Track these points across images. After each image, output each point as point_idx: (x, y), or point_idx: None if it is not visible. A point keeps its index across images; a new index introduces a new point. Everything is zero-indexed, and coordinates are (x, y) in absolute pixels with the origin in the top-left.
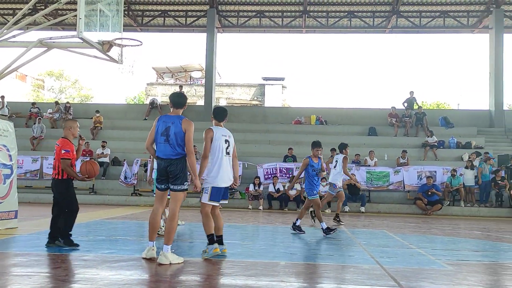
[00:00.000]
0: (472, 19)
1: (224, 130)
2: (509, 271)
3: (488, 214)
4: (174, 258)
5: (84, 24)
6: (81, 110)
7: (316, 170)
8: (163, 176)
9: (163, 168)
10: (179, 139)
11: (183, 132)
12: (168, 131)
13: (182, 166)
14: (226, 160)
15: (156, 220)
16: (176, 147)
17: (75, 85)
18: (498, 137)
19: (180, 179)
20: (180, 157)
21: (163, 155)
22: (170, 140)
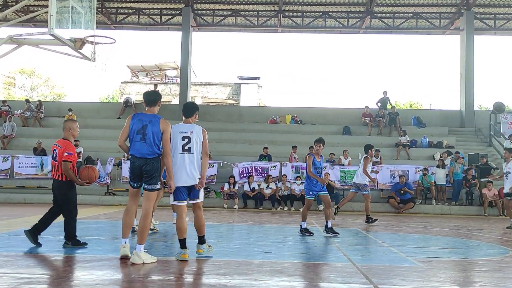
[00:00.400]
0: (443, 20)
1: (185, 126)
2: (478, 267)
3: (459, 212)
4: (147, 257)
5: (56, 21)
6: (53, 109)
7: (318, 169)
8: (137, 175)
9: (138, 167)
10: (156, 139)
11: (160, 132)
12: (145, 129)
13: (157, 166)
14: (183, 158)
15: (130, 218)
16: (153, 146)
17: (47, 83)
18: (468, 136)
19: (155, 178)
20: (155, 157)
21: (139, 154)
22: (147, 139)
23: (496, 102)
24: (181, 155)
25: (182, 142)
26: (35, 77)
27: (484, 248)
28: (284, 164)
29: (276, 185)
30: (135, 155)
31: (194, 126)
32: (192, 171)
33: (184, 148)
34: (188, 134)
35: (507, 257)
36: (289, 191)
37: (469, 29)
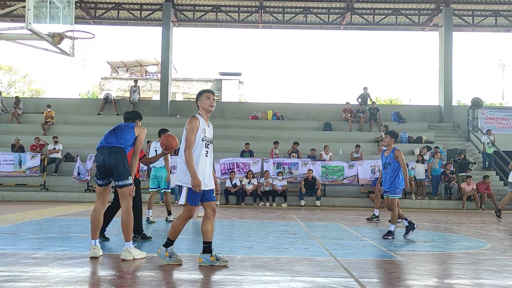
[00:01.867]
0: (423, 17)
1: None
2: (456, 260)
3: (438, 206)
4: (137, 253)
5: (33, 16)
6: (32, 105)
7: (384, 164)
8: (102, 170)
9: (101, 160)
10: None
11: (134, 134)
12: (118, 128)
13: (122, 159)
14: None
15: (97, 218)
16: (120, 140)
17: (25, 79)
18: (447, 131)
19: (122, 173)
20: (120, 147)
21: (105, 142)
22: (117, 133)
23: (474, 97)
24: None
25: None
26: (13, 73)
27: (463, 241)
28: (265, 160)
29: (258, 181)
30: (100, 145)
31: None
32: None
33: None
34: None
35: (485, 249)
36: (271, 186)
37: (447, 25)
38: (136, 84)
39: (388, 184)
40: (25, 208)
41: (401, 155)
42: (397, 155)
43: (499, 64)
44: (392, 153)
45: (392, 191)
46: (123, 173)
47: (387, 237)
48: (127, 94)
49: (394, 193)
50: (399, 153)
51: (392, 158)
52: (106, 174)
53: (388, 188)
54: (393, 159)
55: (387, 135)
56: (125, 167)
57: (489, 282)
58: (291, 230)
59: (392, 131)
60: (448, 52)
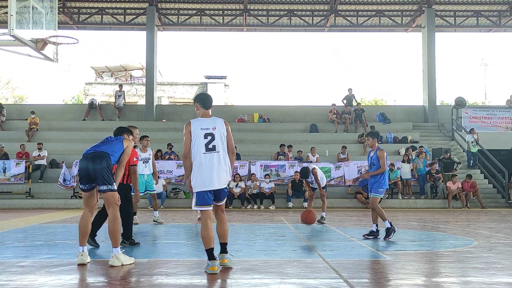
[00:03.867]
0: (405, 18)
1: (206, 121)
2: (444, 258)
3: (424, 205)
4: (125, 259)
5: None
6: (15, 111)
7: (369, 165)
8: (84, 175)
9: (84, 165)
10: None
11: (122, 147)
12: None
13: (106, 165)
14: (207, 158)
15: (86, 225)
16: (107, 149)
17: (8, 86)
18: (432, 131)
19: (105, 177)
20: (106, 153)
21: (90, 149)
22: (106, 141)
23: (458, 97)
24: (205, 155)
25: (205, 140)
26: None
27: (449, 240)
28: (253, 162)
29: (245, 184)
30: (86, 152)
31: (215, 120)
32: (222, 173)
33: (208, 147)
34: (211, 130)
35: (471, 247)
36: (258, 189)
37: (430, 26)
38: (121, 89)
39: (372, 184)
40: (10, 216)
41: (383, 155)
42: (378, 155)
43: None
44: (375, 153)
45: (375, 189)
46: (107, 179)
47: (388, 237)
48: (112, 99)
49: (377, 192)
50: (381, 153)
51: (376, 158)
52: (89, 179)
53: (370, 186)
54: (376, 159)
55: (368, 137)
56: (109, 172)
57: (476, 279)
58: (280, 232)
59: (372, 132)
60: (431, 53)
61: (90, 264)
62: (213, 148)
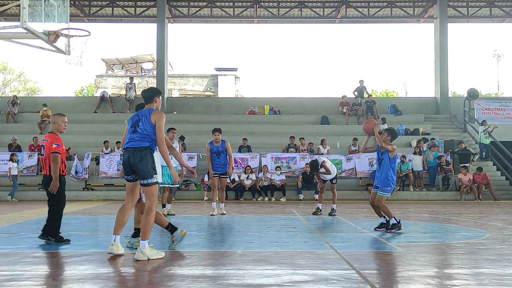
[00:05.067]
0: (417, 9)
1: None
2: (456, 250)
3: (436, 197)
4: (152, 253)
5: (28, 14)
6: (27, 104)
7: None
8: (128, 168)
9: (126, 159)
10: (147, 130)
11: (152, 123)
12: (138, 122)
13: (147, 158)
14: None
15: (123, 215)
16: (143, 137)
17: (20, 78)
18: (444, 123)
19: (147, 172)
20: (144, 147)
21: (127, 144)
22: (138, 130)
23: (470, 88)
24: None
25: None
26: (8, 72)
27: (462, 232)
28: (263, 155)
29: (256, 176)
30: (124, 147)
31: None
32: None
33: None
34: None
35: (484, 239)
36: (269, 181)
37: (442, 17)
38: (131, 81)
39: (379, 180)
40: (23, 208)
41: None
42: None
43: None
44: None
45: (382, 188)
46: (147, 172)
47: (391, 230)
48: (123, 91)
49: (384, 191)
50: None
51: (386, 151)
52: (132, 171)
53: (378, 183)
54: (386, 153)
55: (385, 131)
56: (149, 166)
57: (489, 271)
58: (291, 224)
59: (391, 129)
60: (443, 44)
61: (104, 256)
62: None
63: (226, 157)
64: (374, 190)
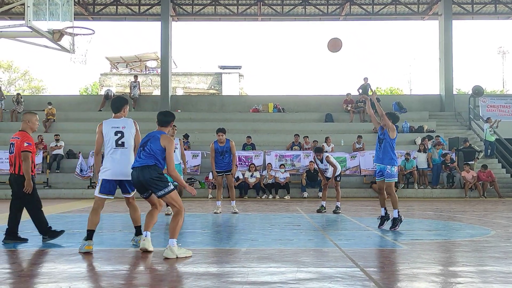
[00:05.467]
0: (422, 6)
1: (117, 121)
2: (461, 248)
3: (440, 195)
4: (181, 252)
5: (33, 13)
6: (32, 102)
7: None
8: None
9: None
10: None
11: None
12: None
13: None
14: (116, 152)
15: (152, 215)
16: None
17: (24, 77)
18: (449, 120)
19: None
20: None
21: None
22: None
23: (475, 86)
24: (115, 149)
25: (116, 137)
26: (13, 71)
27: (466, 229)
28: (268, 152)
29: (260, 174)
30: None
31: (126, 120)
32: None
33: (118, 143)
34: (120, 128)
35: (488, 237)
36: (273, 179)
37: (447, 14)
38: (136, 79)
39: (385, 160)
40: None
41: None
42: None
43: (499, 52)
44: (386, 130)
45: (388, 174)
46: (160, 184)
47: (394, 228)
48: (127, 89)
49: (391, 176)
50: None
51: (387, 132)
52: (145, 188)
53: (383, 162)
54: (387, 134)
55: (386, 115)
56: (160, 180)
57: (493, 269)
58: (295, 221)
59: (393, 113)
60: (448, 41)
61: (110, 253)
62: (122, 144)
63: (230, 156)
64: (380, 178)
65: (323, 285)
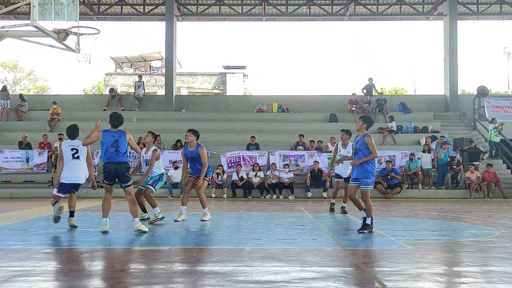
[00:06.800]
0: (427, 6)
1: (73, 142)
2: (465, 248)
3: (445, 195)
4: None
5: (38, 13)
6: (37, 102)
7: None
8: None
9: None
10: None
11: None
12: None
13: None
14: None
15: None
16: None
17: (29, 77)
18: (453, 121)
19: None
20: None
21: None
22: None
23: (480, 86)
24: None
25: (72, 152)
26: (18, 70)
27: (471, 230)
28: (272, 152)
29: (264, 174)
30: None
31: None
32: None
33: (74, 156)
34: (75, 147)
35: (493, 237)
36: (277, 179)
37: (452, 14)
38: (140, 79)
39: (358, 172)
40: (33, 205)
41: (372, 141)
42: (367, 142)
43: (504, 52)
44: (362, 139)
45: (363, 181)
46: (127, 177)
47: (363, 231)
48: (131, 89)
49: (366, 183)
50: (369, 139)
51: (363, 143)
52: (114, 178)
53: (358, 176)
54: (363, 145)
55: (359, 119)
56: (128, 173)
57: (498, 269)
58: (299, 221)
59: (366, 116)
60: (453, 41)
61: (113, 251)
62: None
63: (201, 164)
64: (354, 183)
65: (327, 284)
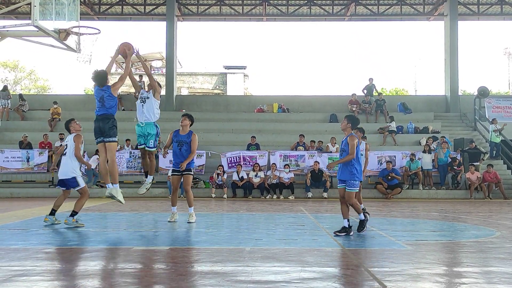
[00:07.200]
0: (427, 6)
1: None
2: (465, 248)
3: (445, 196)
4: (120, 196)
5: (39, 13)
6: (38, 102)
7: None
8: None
9: None
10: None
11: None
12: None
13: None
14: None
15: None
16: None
17: (30, 76)
18: (454, 121)
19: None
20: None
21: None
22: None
23: (480, 86)
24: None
25: None
26: (19, 70)
27: (471, 230)
28: (272, 152)
29: (265, 174)
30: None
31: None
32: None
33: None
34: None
35: (493, 238)
36: (277, 179)
37: (452, 14)
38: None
39: (342, 173)
40: (34, 204)
41: (354, 142)
42: (348, 141)
43: (505, 53)
44: (346, 139)
45: (349, 183)
46: (113, 133)
47: (362, 230)
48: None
49: (352, 186)
50: (352, 139)
51: (346, 144)
52: (100, 134)
53: (344, 178)
54: (347, 145)
55: (344, 119)
56: (115, 128)
57: (498, 269)
58: (299, 221)
59: (351, 115)
60: (453, 41)
61: (114, 251)
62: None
63: (188, 151)
64: (342, 185)
65: (327, 284)
